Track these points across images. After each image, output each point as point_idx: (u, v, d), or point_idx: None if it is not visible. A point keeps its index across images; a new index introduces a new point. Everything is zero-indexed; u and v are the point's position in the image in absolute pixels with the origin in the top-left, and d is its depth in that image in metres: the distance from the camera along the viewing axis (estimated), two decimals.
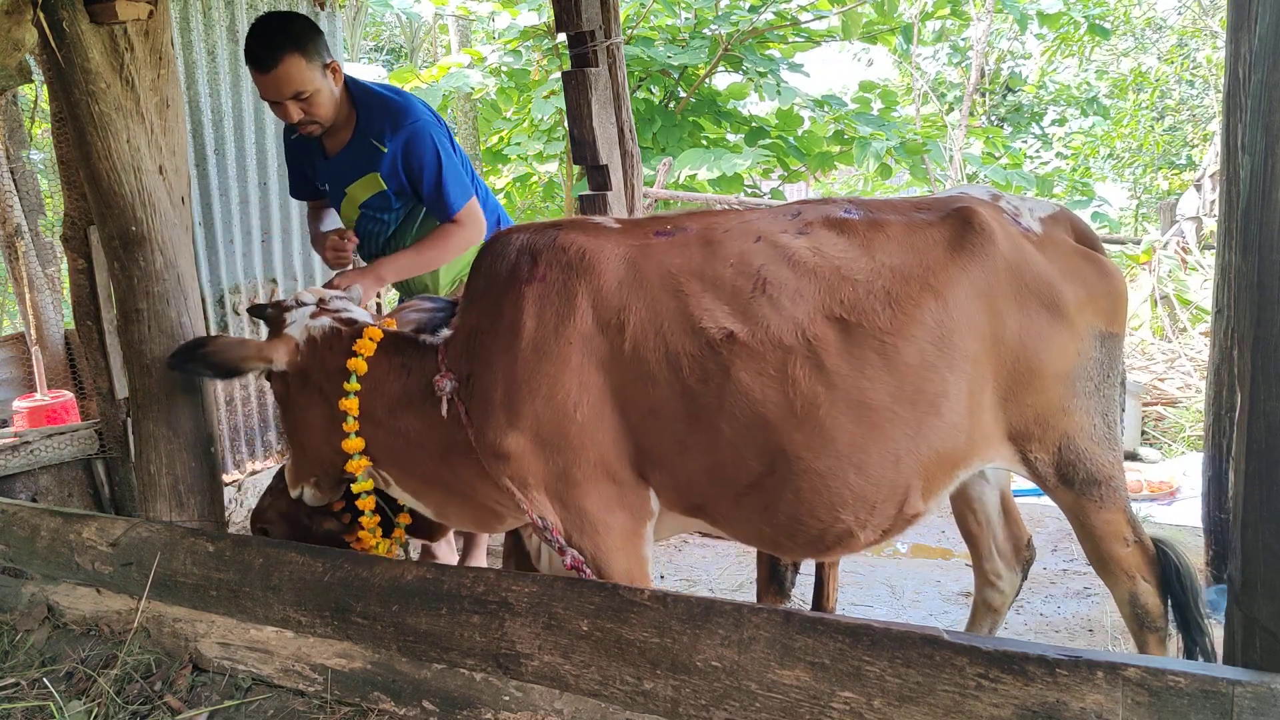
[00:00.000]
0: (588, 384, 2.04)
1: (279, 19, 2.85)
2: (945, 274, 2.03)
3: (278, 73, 2.73)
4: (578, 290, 2.06)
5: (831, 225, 2.11)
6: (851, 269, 2.03)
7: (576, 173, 9.49)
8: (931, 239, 2.08)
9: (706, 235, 2.12)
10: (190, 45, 3.84)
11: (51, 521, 2.74)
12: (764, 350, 1.97)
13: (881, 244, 2.07)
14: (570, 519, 2.10)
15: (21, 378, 5.45)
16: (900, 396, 1.97)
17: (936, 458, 2.03)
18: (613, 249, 2.11)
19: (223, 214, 4.11)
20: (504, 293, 2.13)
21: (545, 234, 2.16)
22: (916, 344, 1.98)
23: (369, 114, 2.94)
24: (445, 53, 12.60)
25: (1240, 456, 1.47)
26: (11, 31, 3.44)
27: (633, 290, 2.06)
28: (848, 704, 1.64)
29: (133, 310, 2.74)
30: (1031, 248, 2.11)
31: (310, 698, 2.19)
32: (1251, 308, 1.41)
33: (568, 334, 2.05)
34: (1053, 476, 2.14)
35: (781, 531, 2.05)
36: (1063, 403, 2.09)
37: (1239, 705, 1.41)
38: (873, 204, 2.19)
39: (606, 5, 3.64)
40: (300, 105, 2.81)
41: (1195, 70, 13.89)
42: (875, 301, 2.00)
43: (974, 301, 2.03)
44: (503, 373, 2.09)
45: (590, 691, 1.88)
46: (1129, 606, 2.23)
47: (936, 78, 17.12)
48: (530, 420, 2.06)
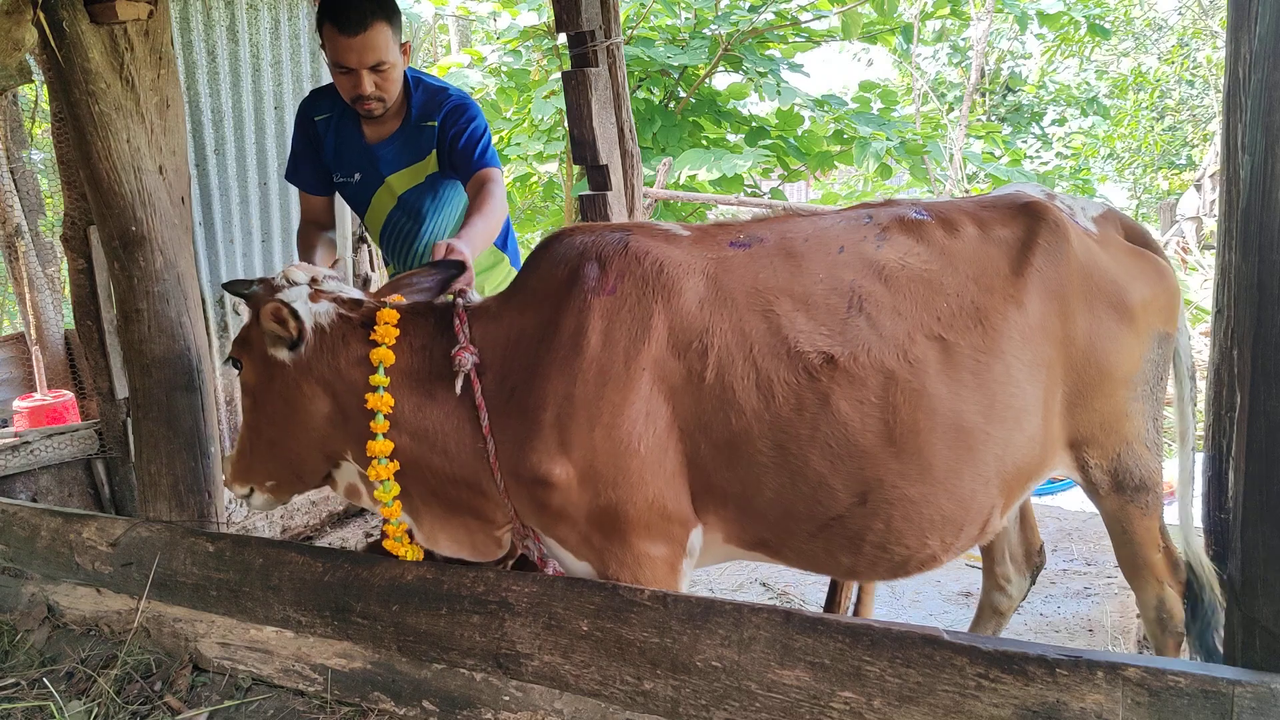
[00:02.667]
0: (655, 414, 1.85)
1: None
2: (1022, 279, 1.94)
3: (366, 37, 2.55)
4: (653, 308, 1.85)
5: (907, 230, 1.99)
6: (940, 281, 1.92)
7: (576, 173, 9.49)
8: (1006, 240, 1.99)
9: (787, 246, 1.95)
10: (190, 45, 3.84)
11: (51, 521, 2.74)
12: (865, 375, 1.82)
13: (960, 251, 1.97)
14: (611, 551, 1.93)
15: (22, 378, 5.46)
16: (992, 415, 1.88)
17: (1017, 473, 1.95)
18: (691, 263, 1.91)
19: (223, 214, 4.11)
20: (564, 300, 1.91)
21: (613, 239, 1.95)
22: (1004, 359, 1.89)
23: (423, 99, 2.85)
24: (445, 53, 12.60)
25: (1240, 456, 1.47)
26: (11, 31, 3.44)
27: (717, 310, 1.86)
28: (848, 704, 1.64)
29: (133, 310, 2.74)
30: (1096, 246, 2.05)
31: (310, 698, 2.19)
32: (1251, 308, 1.41)
33: (639, 358, 1.84)
34: (1106, 483, 2.09)
35: (864, 561, 1.92)
36: (1125, 407, 2.05)
37: (1239, 705, 1.41)
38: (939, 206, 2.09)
39: (606, 5, 3.64)
40: (376, 78, 2.65)
41: (1195, 70, 13.90)
42: (966, 317, 1.89)
43: (1049, 303, 1.95)
44: (557, 390, 1.87)
45: (590, 691, 1.88)
46: (1154, 611, 2.21)
47: (936, 78, 17.12)
48: (584, 450, 1.85)
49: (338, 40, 2.58)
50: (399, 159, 2.90)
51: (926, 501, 1.86)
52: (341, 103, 2.85)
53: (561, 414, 1.86)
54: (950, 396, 1.84)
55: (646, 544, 1.92)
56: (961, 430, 1.85)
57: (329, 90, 2.96)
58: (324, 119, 2.92)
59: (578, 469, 1.86)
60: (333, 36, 2.59)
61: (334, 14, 2.57)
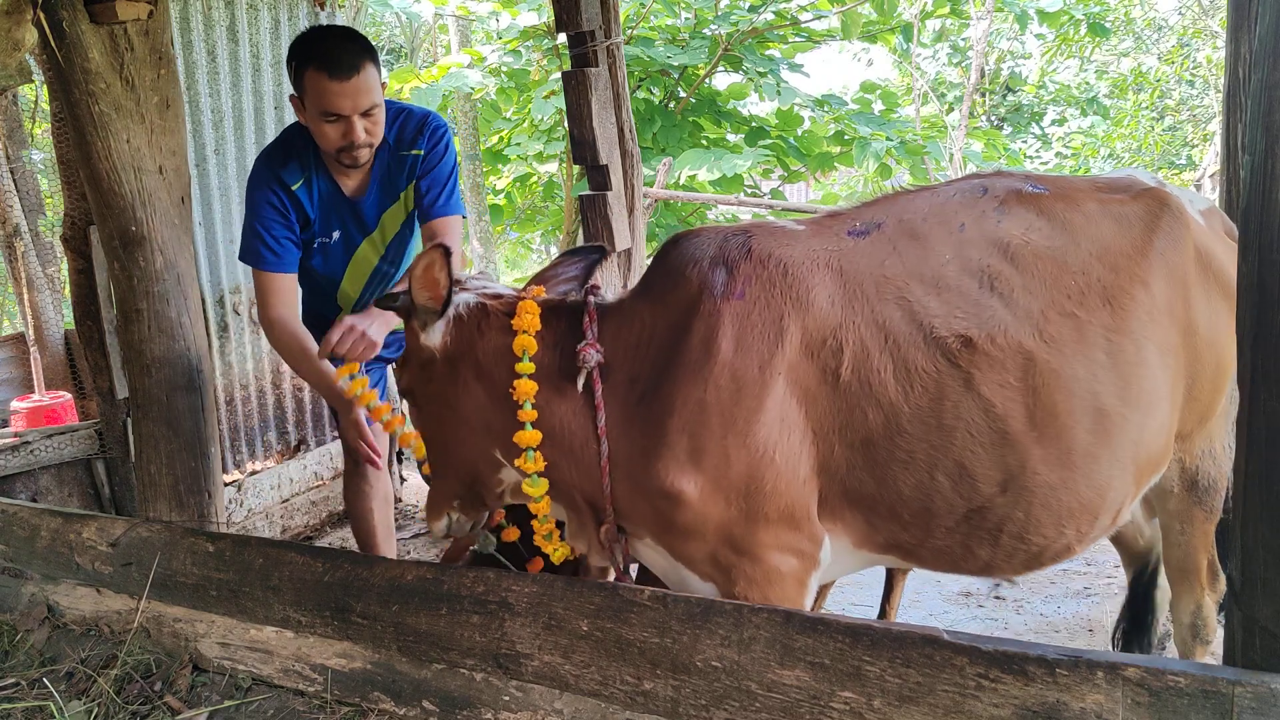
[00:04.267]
0: (790, 420, 1.78)
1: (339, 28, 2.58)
2: (1146, 260, 1.87)
3: (359, 80, 2.43)
4: (784, 311, 1.80)
5: (1026, 203, 1.92)
6: (1065, 257, 1.85)
7: (576, 173, 9.49)
8: (1128, 219, 1.92)
9: (908, 229, 1.89)
10: (190, 45, 3.84)
11: (51, 521, 2.74)
12: (1004, 356, 1.76)
13: (1081, 226, 1.89)
14: (740, 568, 1.86)
15: (21, 378, 5.46)
16: (1127, 398, 1.82)
17: (1149, 461, 1.90)
18: (814, 258, 1.85)
19: (223, 214, 4.11)
20: (694, 304, 1.85)
21: (736, 242, 1.89)
22: (1134, 339, 1.83)
23: (401, 126, 2.70)
24: (445, 53, 12.59)
25: (1240, 456, 1.46)
26: (11, 31, 3.45)
27: (849, 304, 1.80)
28: (848, 704, 1.64)
29: (133, 310, 2.74)
30: (1212, 238, 2.01)
31: (310, 698, 2.19)
32: (1251, 308, 1.41)
33: (774, 363, 1.78)
34: (1181, 481, 2.04)
35: (1001, 554, 1.87)
36: (1223, 405, 2.02)
37: (1239, 705, 1.41)
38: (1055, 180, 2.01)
39: (606, 5, 3.64)
40: (366, 122, 2.51)
41: (1195, 70, 13.89)
42: (1094, 295, 1.83)
43: (1172, 287, 1.89)
44: (687, 397, 1.80)
45: (590, 691, 1.88)
46: (1190, 617, 2.18)
47: (936, 78, 17.12)
48: (718, 460, 1.78)
49: (327, 86, 2.42)
50: (383, 201, 2.77)
51: (1065, 487, 1.81)
52: (310, 161, 2.67)
53: (694, 421, 1.79)
54: (1087, 377, 1.79)
55: (778, 558, 1.85)
56: (1100, 412, 1.80)
57: (286, 151, 2.69)
58: (300, 185, 2.67)
59: (709, 480, 1.79)
60: (320, 83, 2.43)
61: (321, 59, 2.41)
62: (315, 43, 2.48)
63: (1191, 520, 2.08)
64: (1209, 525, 2.09)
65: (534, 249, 13.91)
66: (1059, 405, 1.77)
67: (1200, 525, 2.08)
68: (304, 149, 2.67)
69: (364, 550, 3.15)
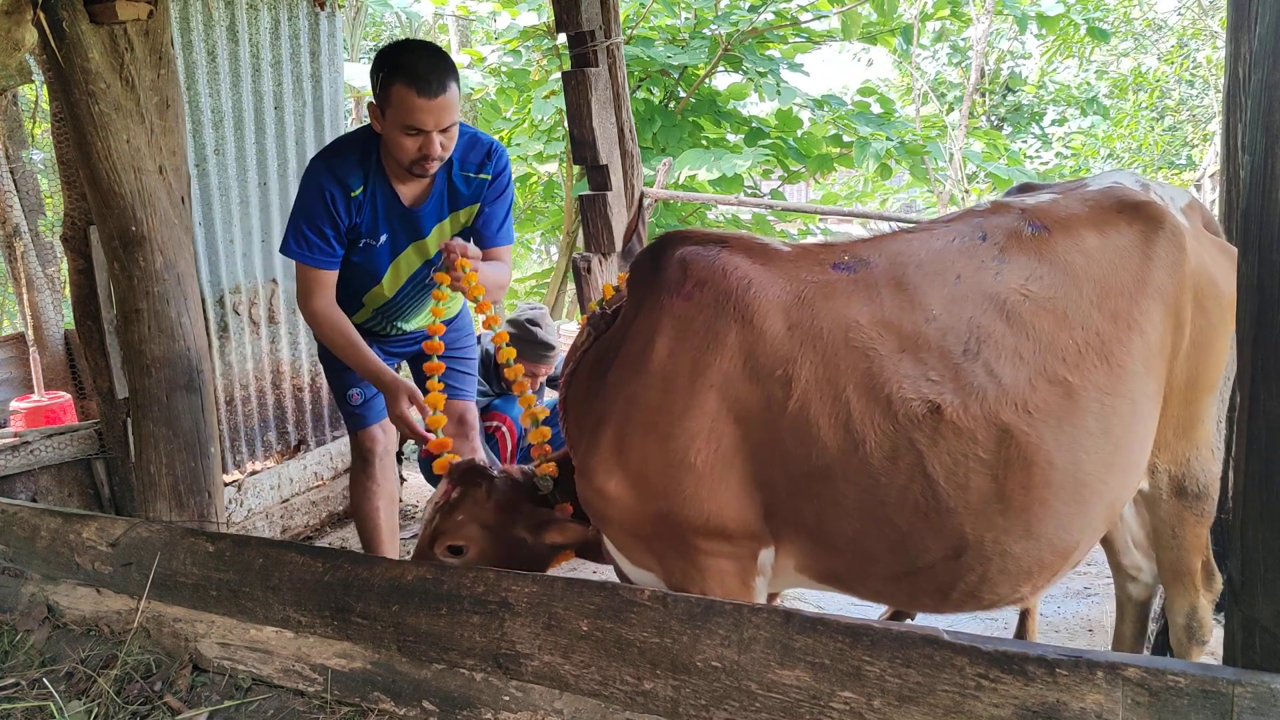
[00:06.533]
0: (718, 433, 1.74)
1: (427, 44, 2.64)
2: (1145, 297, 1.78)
3: (445, 99, 2.50)
4: (731, 325, 1.75)
5: (1027, 248, 1.80)
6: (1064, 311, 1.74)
7: (576, 173, 9.50)
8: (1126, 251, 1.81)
9: (897, 275, 1.78)
10: (190, 45, 3.84)
11: (51, 521, 2.74)
12: (976, 429, 1.66)
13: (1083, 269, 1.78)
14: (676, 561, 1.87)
15: (21, 378, 5.46)
16: (1113, 463, 1.73)
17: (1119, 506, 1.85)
18: (784, 284, 1.79)
19: (223, 214, 4.11)
20: (644, 299, 1.86)
21: (707, 246, 1.86)
22: (1129, 397, 1.73)
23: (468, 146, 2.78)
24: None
25: (1240, 456, 1.46)
26: (11, 31, 3.45)
27: (809, 341, 1.73)
28: (848, 704, 1.64)
29: (133, 310, 2.75)
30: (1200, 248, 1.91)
31: (310, 698, 2.19)
32: (1251, 308, 1.41)
33: (708, 374, 1.74)
34: (1169, 489, 1.98)
35: (949, 605, 1.83)
36: (1204, 411, 1.95)
37: (1239, 705, 1.41)
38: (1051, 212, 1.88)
39: (606, 5, 3.65)
40: (442, 138, 2.56)
41: (1195, 70, 13.89)
42: (1092, 354, 1.71)
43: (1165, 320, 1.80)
44: (623, 394, 1.82)
45: (590, 691, 1.88)
46: (1184, 619, 2.15)
47: (936, 78, 17.12)
48: (638, 458, 1.79)
49: (415, 102, 2.48)
50: (440, 213, 2.84)
51: (1028, 555, 1.73)
52: (372, 167, 2.73)
53: (621, 416, 1.81)
54: (1071, 447, 1.69)
55: (711, 560, 1.84)
56: (1078, 484, 1.70)
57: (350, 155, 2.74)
58: (360, 190, 2.74)
59: (629, 477, 1.80)
60: (408, 97, 2.48)
61: (412, 77, 2.47)
62: (406, 56, 2.52)
63: (1183, 524, 2.04)
64: (1201, 528, 2.04)
65: (534, 249, 13.91)
66: (1034, 479, 1.68)
67: (1192, 529, 2.03)
68: (367, 154, 2.73)
69: (367, 549, 3.15)
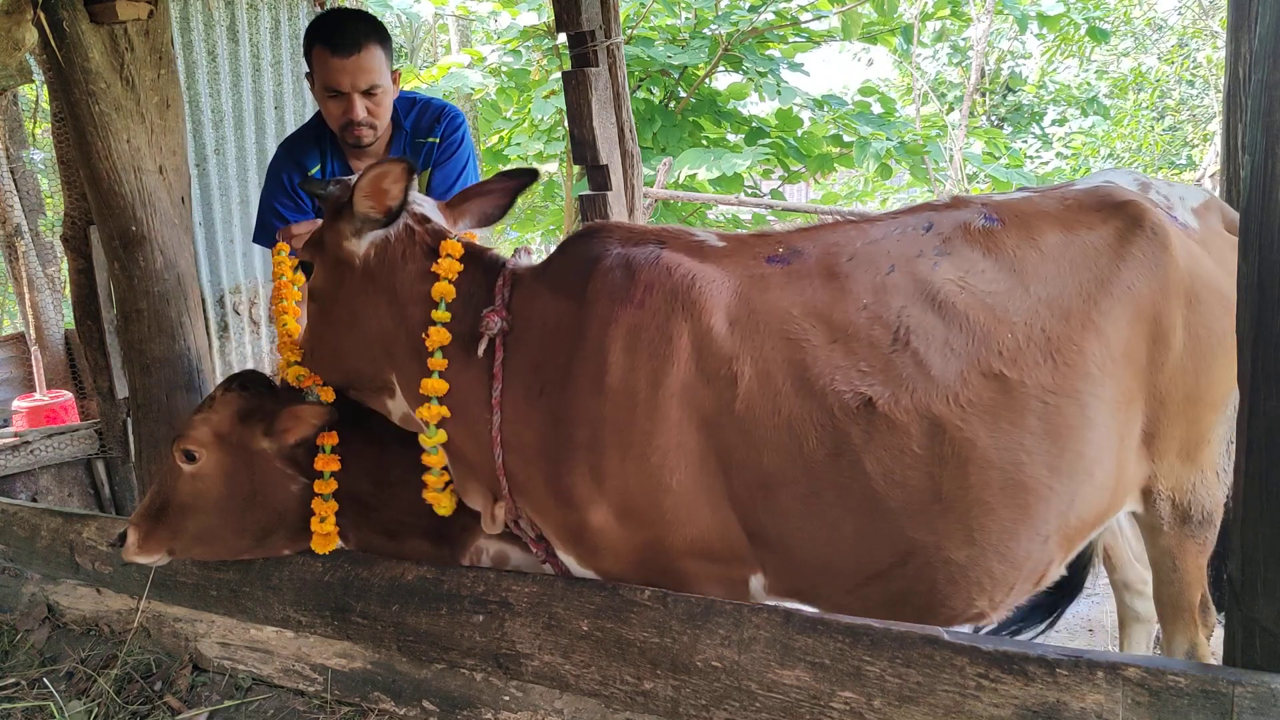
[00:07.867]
0: (686, 446, 1.69)
1: (353, 10, 2.69)
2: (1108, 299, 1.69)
3: (360, 58, 2.52)
4: (681, 327, 1.69)
5: (974, 240, 1.74)
6: (1007, 307, 1.67)
7: (576, 173, 9.48)
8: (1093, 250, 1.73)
9: (829, 264, 1.74)
10: (190, 45, 3.84)
11: (51, 521, 2.74)
12: (908, 421, 1.62)
13: (1034, 266, 1.71)
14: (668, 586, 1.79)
15: (22, 378, 5.46)
16: (1058, 468, 1.66)
17: (1081, 524, 1.76)
18: (724, 279, 1.73)
19: (223, 214, 4.11)
20: (592, 306, 1.76)
21: (646, 248, 1.79)
22: (1078, 400, 1.65)
23: (419, 115, 2.81)
24: (445, 53, 12.59)
25: (1240, 456, 1.46)
26: (11, 31, 3.45)
27: (747, 337, 1.68)
28: (848, 704, 1.64)
29: (133, 310, 2.75)
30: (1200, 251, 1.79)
31: (310, 698, 2.19)
32: (1251, 308, 1.41)
33: (667, 383, 1.68)
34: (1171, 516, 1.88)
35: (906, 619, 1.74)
36: (1209, 432, 1.84)
37: (1239, 705, 1.41)
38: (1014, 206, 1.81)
39: (606, 5, 3.64)
40: (368, 102, 2.60)
41: (1195, 70, 13.89)
42: (1035, 350, 1.65)
43: (1137, 327, 1.71)
44: (587, 409, 1.73)
45: (590, 691, 1.88)
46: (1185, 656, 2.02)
47: (936, 78, 17.12)
48: (619, 484, 1.72)
49: (330, 62, 2.54)
50: None
51: (975, 564, 1.68)
52: (327, 145, 2.77)
53: (594, 436, 1.72)
54: (1009, 447, 1.63)
55: (703, 585, 1.79)
56: (1020, 487, 1.65)
57: (307, 136, 2.84)
58: (316, 169, 2.80)
59: (613, 505, 1.72)
60: (324, 58, 2.55)
61: (326, 35, 2.53)
62: (325, 21, 2.61)
63: (1184, 554, 1.93)
64: (1202, 559, 1.94)
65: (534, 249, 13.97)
66: (970, 479, 1.63)
67: (1194, 560, 1.93)
68: (323, 134, 2.80)
69: None
